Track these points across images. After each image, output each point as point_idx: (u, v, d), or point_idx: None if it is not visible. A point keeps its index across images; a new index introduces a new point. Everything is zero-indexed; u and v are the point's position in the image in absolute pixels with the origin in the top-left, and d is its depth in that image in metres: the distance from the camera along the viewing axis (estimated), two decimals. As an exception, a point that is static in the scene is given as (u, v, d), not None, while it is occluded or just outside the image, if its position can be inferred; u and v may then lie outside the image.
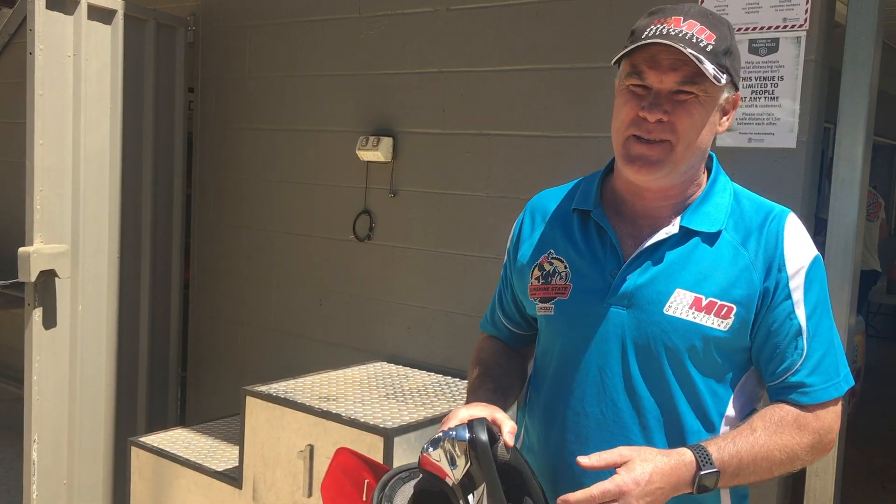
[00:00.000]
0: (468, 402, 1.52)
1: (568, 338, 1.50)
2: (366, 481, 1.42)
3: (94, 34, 3.56)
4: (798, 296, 1.41)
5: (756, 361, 1.46)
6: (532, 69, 3.13)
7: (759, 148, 2.63)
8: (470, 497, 1.27)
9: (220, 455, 3.24)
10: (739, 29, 2.63)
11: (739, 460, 1.33)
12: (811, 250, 1.45)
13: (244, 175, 4.07)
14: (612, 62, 1.43)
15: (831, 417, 1.42)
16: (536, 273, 1.55)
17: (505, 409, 1.46)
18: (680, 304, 1.41)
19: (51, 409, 3.48)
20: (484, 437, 1.28)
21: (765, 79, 2.60)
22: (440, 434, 1.32)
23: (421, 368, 3.39)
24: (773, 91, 2.59)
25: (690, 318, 1.40)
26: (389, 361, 3.51)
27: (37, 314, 3.38)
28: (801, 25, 2.55)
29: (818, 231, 2.74)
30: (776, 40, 2.58)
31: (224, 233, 4.17)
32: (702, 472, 1.29)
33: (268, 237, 3.99)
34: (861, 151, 2.52)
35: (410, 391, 3.06)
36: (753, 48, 2.62)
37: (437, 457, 1.31)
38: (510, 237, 1.67)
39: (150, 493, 3.29)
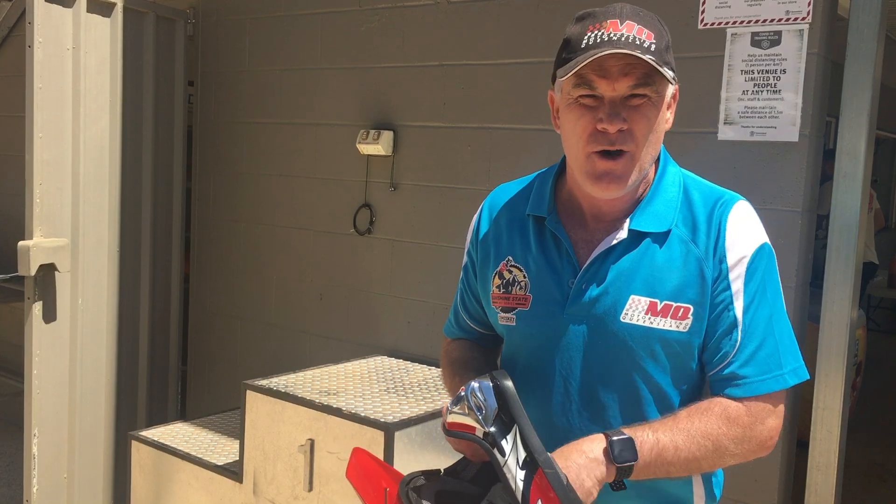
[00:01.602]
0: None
1: (531, 348, 1.50)
2: (385, 489, 1.40)
3: (94, 27, 3.55)
4: (737, 286, 1.39)
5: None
6: (533, 62, 3.12)
7: (761, 142, 2.62)
8: (503, 442, 1.24)
9: (221, 449, 3.24)
10: (742, 22, 2.62)
11: (660, 452, 1.32)
12: (757, 239, 1.42)
13: (244, 169, 4.06)
14: (561, 78, 1.36)
15: (766, 412, 1.38)
16: (497, 281, 1.53)
17: None
18: (636, 311, 1.40)
19: (51, 404, 3.48)
20: (508, 381, 1.27)
21: (767, 72, 2.59)
22: (462, 392, 1.29)
23: (421, 363, 3.39)
24: (775, 84, 2.58)
25: (647, 324, 1.39)
26: (390, 356, 3.51)
27: (37, 308, 3.37)
28: (803, 18, 2.53)
29: (816, 227, 2.74)
30: (779, 33, 2.57)
31: (224, 227, 4.17)
32: (618, 466, 1.29)
33: (268, 231, 3.98)
34: (863, 145, 2.52)
35: (411, 385, 3.06)
36: (756, 41, 2.61)
37: (463, 410, 1.27)
38: (469, 236, 1.64)
39: (150, 487, 3.29)
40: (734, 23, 2.64)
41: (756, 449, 1.40)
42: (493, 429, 1.25)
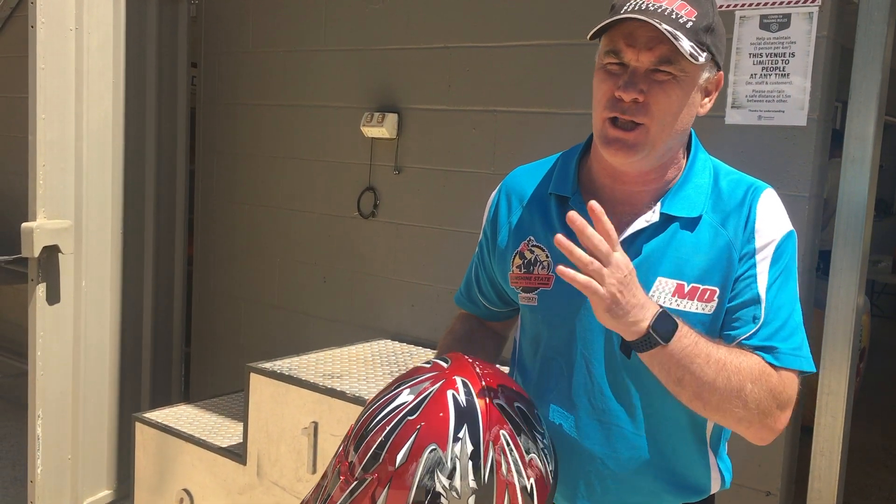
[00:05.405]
0: None
1: (553, 328, 1.49)
2: None
3: (97, 7, 3.52)
4: (763, 267, 1.39)
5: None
6: (539, 45, 3.09)
7: (769, 125, 2.60)
8: None
9: (225, 431, 3.25)
10: (751, 4, 2.60)
11: (696, 344, 1.28)
12: (784, 225, 1.43)
13: (247, 151, 4.04)
14: (588, 37, 1.37)
15: (791, 386, 1.36)
16: (517, 261, 1.53)
17: None
18: (662, 293, 1.39)
19: (55, 385, 3.48)
20: None
21: (776, 55, 2.57)
22: None
23: (425, 346, 3.39)
24: (784, 68, 2.56)
25: (674, 306, 1.38)
26: (393, 339, 3.50)
27: (40, 290, 3.37)
28: (813, 1, 2.51)
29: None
30: (788, 16, 2.55)
31: (227, 209, 4.16)
32: (661, 310, 1.26)
33: (271, 214, 3.97)
34: (872, 130, 2.50)
35: (415, 369, 3.06)
36: (765, 24, 2.58)
37: None
38: (486, 216, 1.64)
39: (154, 468, 3.30)
40: (743, 5, 2.61)
41: (764, 422, 1.35)
42: None
